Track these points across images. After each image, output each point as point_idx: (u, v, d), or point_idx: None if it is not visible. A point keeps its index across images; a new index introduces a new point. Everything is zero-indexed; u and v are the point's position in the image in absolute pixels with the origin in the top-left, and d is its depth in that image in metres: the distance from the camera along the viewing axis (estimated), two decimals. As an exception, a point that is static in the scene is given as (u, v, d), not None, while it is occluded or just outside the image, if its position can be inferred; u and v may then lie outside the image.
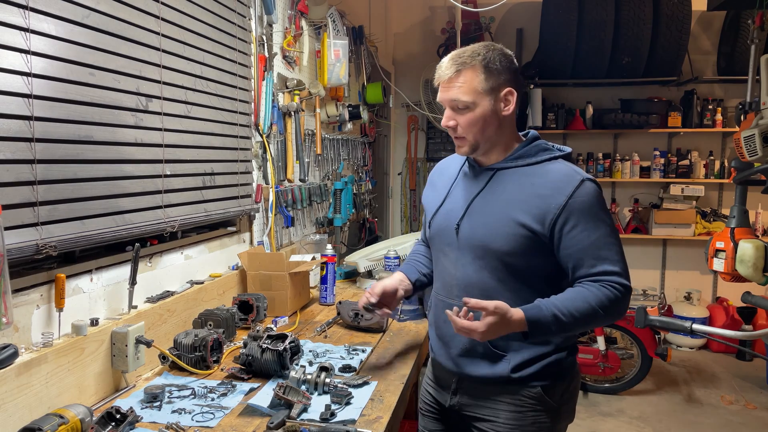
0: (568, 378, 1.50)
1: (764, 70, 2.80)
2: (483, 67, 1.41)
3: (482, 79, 1.41)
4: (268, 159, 2.66)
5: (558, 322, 1.34)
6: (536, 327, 1.34)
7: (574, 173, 1.42)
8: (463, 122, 1.43)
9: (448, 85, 1.43)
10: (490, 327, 1.31)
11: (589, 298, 1.36)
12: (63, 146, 1.45)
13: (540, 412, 1.47)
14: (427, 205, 1.67)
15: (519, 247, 1.40)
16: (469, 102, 1.41)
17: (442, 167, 1.70)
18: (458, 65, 1.41)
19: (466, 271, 1.48)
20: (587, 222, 1.38)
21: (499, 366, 1.46)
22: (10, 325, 1.26)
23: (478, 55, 1.41)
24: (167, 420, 1.42)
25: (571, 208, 1.37)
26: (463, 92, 1.41)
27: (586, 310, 1.35)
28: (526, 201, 1.41)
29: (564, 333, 1.39)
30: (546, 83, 4.90)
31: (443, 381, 1.60)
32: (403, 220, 5.76)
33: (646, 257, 5.18)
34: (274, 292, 2.31)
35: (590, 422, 3.58)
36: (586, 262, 1.38)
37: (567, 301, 1.36)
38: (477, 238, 1.45)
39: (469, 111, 1.42)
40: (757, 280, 2.62)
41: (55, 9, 1.41)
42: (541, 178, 1.43)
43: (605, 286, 1.37)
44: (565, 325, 1.35)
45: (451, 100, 1.42)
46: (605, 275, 1.38)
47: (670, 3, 4.43)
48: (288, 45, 2.83)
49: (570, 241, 1.38)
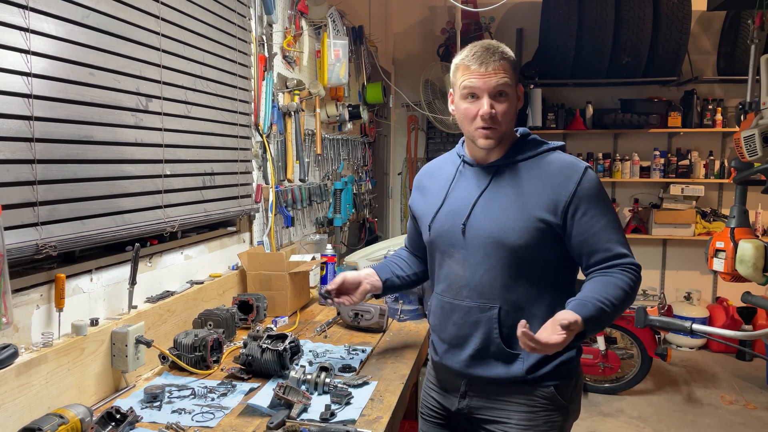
0: (575, 376, 1.52)
1: (764, 70, 2.80)
2: (513, 61, 1.46)
3: (513, 74, 1.45)
4: (268, 159, 2.66)
5: (604, 313, 1.34)
6: (591, 324, 1.31)
7: (577, 161, 1.46)
8: (501, 110, 1.43)
9: (492, 73, 1.41)
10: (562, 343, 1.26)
11: (620, 284, 1.38)
12: (63, 146, 1.45)
13: (552, 412, 1.47)
14: (420, 210, 1.63)
15: (532, 239, 1.41)
16: (510, 91, 1.44)
17: (430, 171, 1.67)
18: (500, 55, 1.43)
19: (476, 271, 1.47)
20: (596, 208, 1.41)
21: (513, 366, 1.45)
22: (10, 325, 1.26)
23: (508, 50, 1.46)
24: (167, 420, 1.42)
25: (580, 195, 1.41)
26: (508, 81, 1.42)
27: (621, 296, 1.37)
28: (535, 193, 1.43)
29: (608, 323, 1.41)
30: (546, 83, 4.90)
31: (449, 385, 1.58)
32: (403, 220, 5.76)
33: (646, 257, 5.17)
34: (274, 292, 2.31)
35: (590, 422, 3.58)
36: (601, 247, 1.41)
37: (603, 291, 1.36)
38: (488, 236, 1.45)
39: (506, 100, 1.44)
40: (757, 280, 2.62)
41: (55, 9, 1.41)
42: (546, 169, 1.45)
43: (626, 270, 1.40)
44: (609, 315, 1.35)
45: (499, 85, 1.42)
46: (621, 258, 1.41)
47: (670, 3, 4.43)
48: (288, 45, 2.83)
49: (582, 227, 1.41)
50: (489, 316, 1.45)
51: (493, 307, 1.45)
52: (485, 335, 1.46)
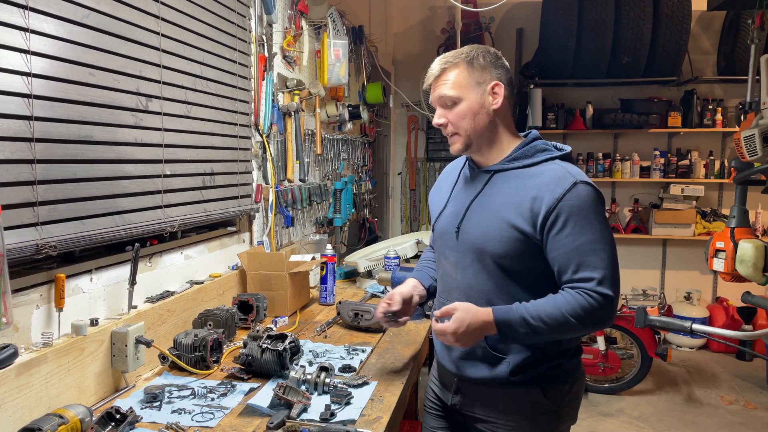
0: (570, 380, 1.49)
1: (764, 70, 2.80)
2: (467, 63, 1.46)
3: (467, 75, 1.45)
4: (268, 159, 2.66)
5: (527, 324, 1.34)
6: (505, 327, 1.35)
7: (568, 175, 1.38)
8: (452, 117, 1.47)
9: (436, 85, 1.48)
10: (460, 325, 1.35)
11: (561, 305, 1.34)
12: (63, 146, 1.45)
13: (540, 414, 1.47)
14: (432, 207, 1.69)
15: (512, 250, 1.40)
16: (455, 96, 1.45)
17: (449, 169, 1.72)
18: (443, 64, 1.47)
19: (466, 275, 1.49)
20: (574, 226, 1.34)
21: (498, 369, 1.46)
22: (10, 325, 1.26)
23: (461, 54, 1.47)
24: (167, 420, 1.42)
25: (560, 210, 1.35)
26: (448, 88, 1.45)
27: (557, 316, 1.33)
28: (518, 203, 1.40)
29: (535, 338, 1.38)
30: (546, 83, 4.90)
31: (445, 380, 1.62)
32: (403, 220, 5.76)
33: (646, 257, 5.17)
34: (274, 292, 2.31)
35: (590, 422, 3.58)
36: (569, 267, 1.36)
37: (539, 305, 1.36)
38: (474, 241, 1.46)
39: (457, 106, 1.46)
40: (757, 280, 2.62)
41: (55, 9, 1.41)
42: (535, 180, 1.41)
43: (581, 294, 1.34)
44: (534, 329, 1.34)
45: (439, 97, 1.47)
46: (583, 282, 1.34)
47: (670, 3, 4.43)
48: (288, 45, 2.82)
49: (555, 244, 1.36)
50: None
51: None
52: None
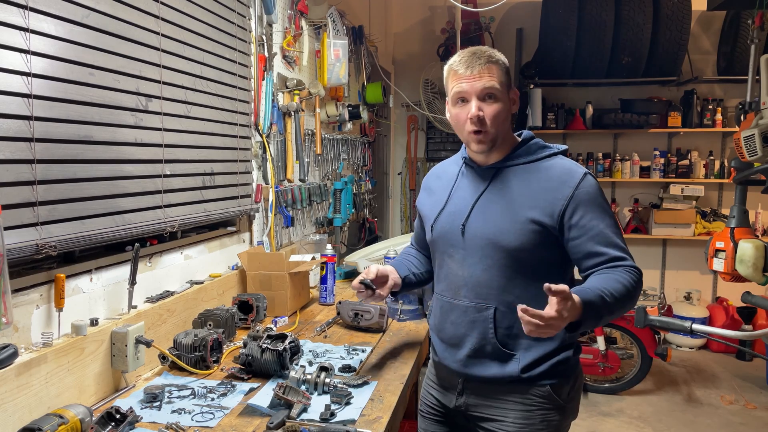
0: (574, 376, 1.52)
1: (764, 70, 2.80)
2: (503, 64, 1.47)
3: (507, 77, 1.47)
4: (268, 159, 2.66)
5: (605, 303, 1.29)
6: (590, 309, 1.26)
7: (576, 167, 1.47)
8: (490, 113, 1.44)
9: (478, 76, 1.43)
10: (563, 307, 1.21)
11: (621, 281, 1.35)
12: (63, 146, 1.45)
13: (548, 410, 1.47)
14: (425, 210, 1.67)
15: (529, 241, 1.42)
16: (498, 92, 1.44)
17: (437, 172, 1.72)
18: (486, 58, 1.45)
19: (474, 271, 1.49)
20: (594, 212, 1.41)
21: (509, 366, 1.46)
22: (10, 325, 1.26)
23: (497, 53, 1.48)
24: (167, 420, 1.42)
25: (577, 199, 1.41)
26: (496, 82, 1.44)
27: (623, 291, 1.33)
28: (532, 196, 1.44)
29: (606, 318, 1.34)
30: (546, 83, 4.90)
31: (447, 382, 1.60)
32: (403, 220, 5.76)
33: (646, 257, 5.18)
34: (273, 292, 2.31)
35: (590, 422, 3.58)
36: (599, 250, 1.40)
37: (603, 283, 1.33)
38: (485, 237, 1.47)
39: (496, 103, 1.45)
40: (757, 280, 2.62)
41: (55, 9, 1.41)
42: (545, 173, 1.46)
43: (628, 271, 1.38)
44: (610, 307, 1.30)
45: (485, 88, 1.43)
46: (619, 260, 1.39)
47: (670, 3, 4.43)
48: (288, 45, 2.82)
49: (580, 230, 1.41)
50: (485, 316, 1.47)
51: (489, 308, 1.47)
52: (481, 335, 1.47)
